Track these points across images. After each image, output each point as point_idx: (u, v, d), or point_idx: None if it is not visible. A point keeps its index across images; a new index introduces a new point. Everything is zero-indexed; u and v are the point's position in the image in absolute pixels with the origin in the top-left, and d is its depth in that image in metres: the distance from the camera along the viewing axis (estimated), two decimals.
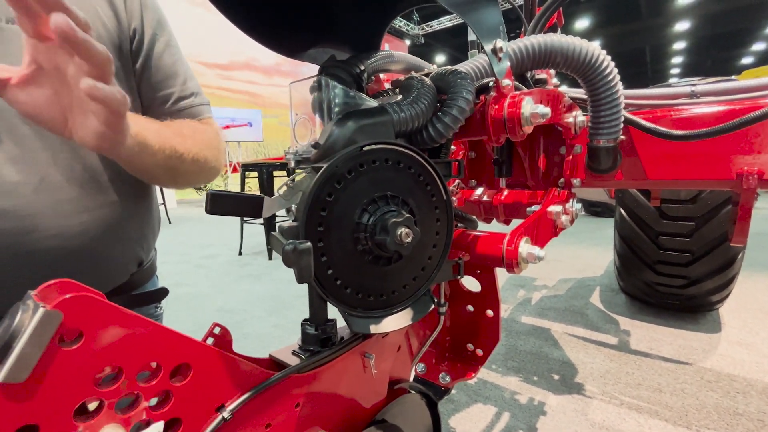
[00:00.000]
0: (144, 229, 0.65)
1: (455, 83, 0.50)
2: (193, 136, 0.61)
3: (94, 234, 0.57)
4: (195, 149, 0.60)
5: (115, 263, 0.62)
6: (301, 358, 0.41)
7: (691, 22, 16.40)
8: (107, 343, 0.24)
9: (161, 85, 0.62)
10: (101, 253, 0.59)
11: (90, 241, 0.57)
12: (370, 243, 0.42)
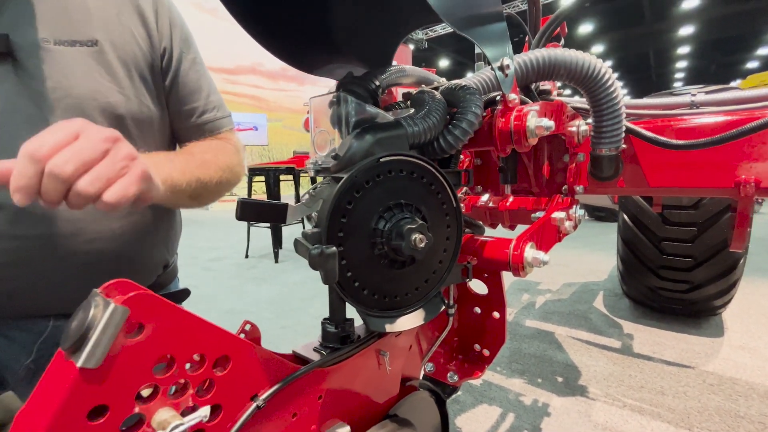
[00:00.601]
0: (169, 233, 0.70)
1: (465, 98, 0.53)
2: (215, 161, 0.65)
3: (129, 238, 0.61)
4: (218, 174, 0.65)
5: (146, 264, 0.66)
6: (322, 354, 0.44)
7: (695, 27, 16.37)
8: (162, 336, 0.28)
9: (187, 99, 0.67)
10: (134, 255, 0.63)
11: (125, 245, 0.61)
12: (387, 248, 0.45)
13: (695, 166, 0.79)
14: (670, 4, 14.29)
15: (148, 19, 0.62)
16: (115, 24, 0.59)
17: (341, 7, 0.59)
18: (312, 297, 2.10)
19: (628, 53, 20.15)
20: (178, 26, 0.66)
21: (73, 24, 0.55)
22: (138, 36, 0.61)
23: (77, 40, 0.55)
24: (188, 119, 0.68)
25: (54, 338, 0.60)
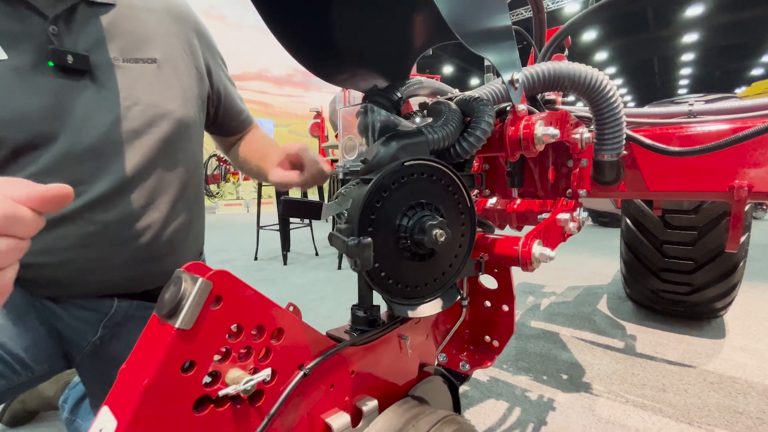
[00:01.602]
0: (202, 225, 0.79)
1: (478, 109, 0.59)
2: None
3: (175, 227, 0.69)
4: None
5: (187, 251, 0.74)
6: (353, 336, 0.50)
7: (699, 34, 16.38)
8: (234, 307, 0.34)
9: (232, 110, 0.85)
10: (179, 243, 0.71)
11: (172, 233, 0.69)
12: (410, 241, 0.51)
13: (691, 171, 0.84)
14: (674, 11, 14.34)
15: (193, 44, 0.75)
16: (168, 45, 0.70)
17: (365, 27, 0.65)
18: (321, 298, 2.15)
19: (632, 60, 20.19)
20: (214, 48, 0.81)
21: (137, 45, 0.65)
22: (186, 56, 0.71)
23: (140, 58, 0.65)
24: (236, 118, 0.87)
25: (117, 317, 0.67)
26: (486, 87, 0.75)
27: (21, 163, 0.56)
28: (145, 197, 0.65)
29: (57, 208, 0.31)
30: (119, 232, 0.62)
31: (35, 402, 1.03)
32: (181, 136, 0.69)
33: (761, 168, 0.78)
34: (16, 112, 0.54)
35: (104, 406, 0.30)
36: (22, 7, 0.55)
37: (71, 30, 0.58)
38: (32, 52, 0.55)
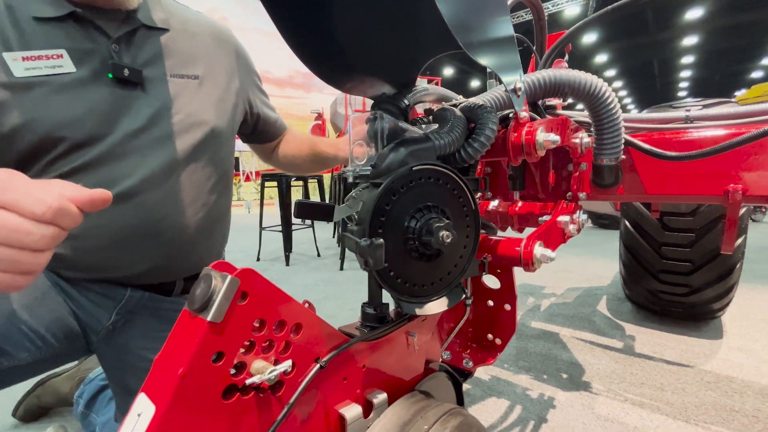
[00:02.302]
0: (227, 230, 0.86)
1: (483, 116, 0.62)
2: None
3: (202, 226, 0.73)
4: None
5: (210, 251, 0.78)
6: (363, 332, 0.52)
7: (699, 37, 16.43)
8: (258, 302, 0.36)
9: (269, 121, 0.95)
10: (202, 243, 0.75)
11: (197, 234, 0.72)
12: (417, 242, 0.53)
13: (688, 175, 0.87)
14: (674, 14, 14.39)
15: (235, 68, 0.84)
16: (210, 65, 0.79)
17: (373, 36, 0.67)
18: (324, 299, 2.18)
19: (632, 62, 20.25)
20: (252, 68, 0.91)
21: (184, 63, 0.74)
22: (225, 75, 0.81)
23: (185, 74, 0.74)
24: (274, 125, 0.97)
25: (129, 305, 0.73)
26: (489, 93, 0.78)
27: (71, 158, 0.63)
28: (173, 195, 0.70)
29: (98, 209, 0.37)
30: (144, 227, 0.68)
31: (50, 397, 1.06)
32: (211, 143, 0.77)
33: (754, 172, 0.81)
34: (78, 115, 0.62)
35: (141, 393, 0.33)
36: (91, 29, 0.64)
37: (130, 49, 0.67)
38: (96, 66, 0.64)
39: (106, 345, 0.72)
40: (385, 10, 0.64)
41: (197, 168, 0.74)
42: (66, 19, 0.62)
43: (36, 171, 0.62)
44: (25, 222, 0.33)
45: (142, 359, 0.74)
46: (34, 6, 0.61)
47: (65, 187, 0.36)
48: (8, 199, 0.33)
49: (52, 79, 0.61)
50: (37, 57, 0.60)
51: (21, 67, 0.59)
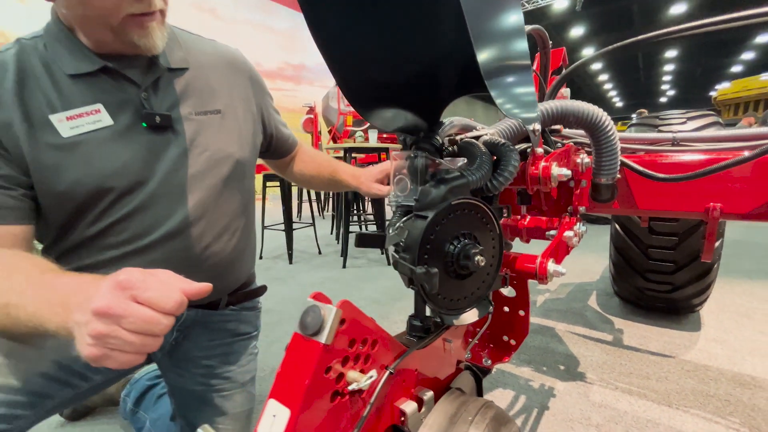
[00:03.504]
0: (254, 247, 0.94)
1: (506, 153, 0.72)
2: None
3: (238, 252, 0.80)
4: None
5: (245, 269, 0.86)
6: (411, 340, 0.63)
7: None
8: (352, 326, 0.46)
9: (282, 138, 0.97)
10: (238, 262, 0.82)
11: (235, 256, 0.80)
12: (455, 265, 0.64)
13: (674, 193, 0.99)
14: (658, 10, 14.64)
15: (251, 94, 0.86)
16: (229, 97, 0.80)
17: (406, 76, 0.76)
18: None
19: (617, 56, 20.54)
20: (265, 89, 0.93)
21: (205, 100, 0.76)
22: (243, 103, 0.84)
23: (208, 111, 0.76)
24: (286, 142, 1.01)
25: (187, 322, 0.81)
26: (502, 124, 0.88)
27: (120, 205, 0.66)
28: (210, 227, 0.75)
29: (201, 297, 0.45)
30: (191, 257, 0.73)
31: (96, 397, 1.14)
32: (238, 174, 0.80)
33: (730, 193, 0.93)
34: (121, 165, 0.65)
35: (270, 398, 0.43)
36: (121, 80, 0.66)
37: (157, 94, 0.70)
38: (130, 116, 0.66)
39: (168, 357, 0.81)
40: (419, 49, 0.73)
41: (228, 198, 0.79)
42: (98, 73, 0.64)
43: (91, 219, 0.65)
44: (157, 315, 0.41)
45: (198, 366, 0.83)
46: (68, 63, 0.62)
47: (181, 282, 0.44)
48: (147, 297, 0.41)
49: (94, 134, 0.63)
50: (79, 115, 0.62)
51: (66, 127, 0.61)
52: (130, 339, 0.39)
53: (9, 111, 0.57)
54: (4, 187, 0.57)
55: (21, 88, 0.59)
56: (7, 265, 0.49)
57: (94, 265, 0.65)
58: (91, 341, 0.39)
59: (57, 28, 0.62)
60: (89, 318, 0.39)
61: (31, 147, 0.58)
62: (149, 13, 0.60)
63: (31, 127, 0.58)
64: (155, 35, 0.62)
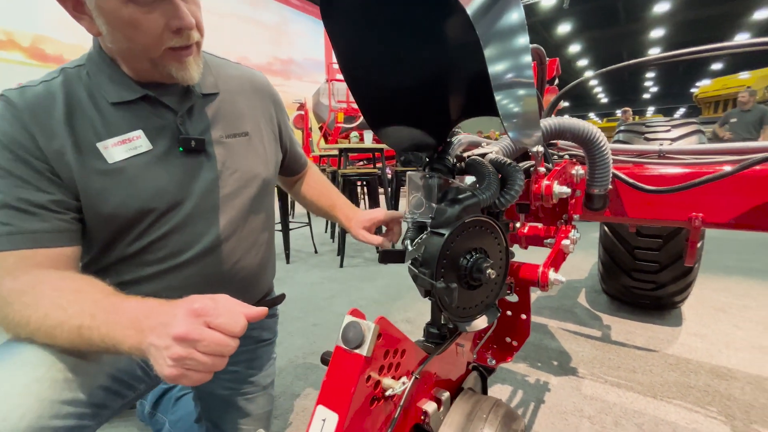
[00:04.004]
0: (275, 259, 0.97)
1: (512, 173, 0.78)
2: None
3: (261, 262, 0.85)
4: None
5: (267, 280, 0.91)
6: (430, 347, 0.69)
7: (665, 30, 17.06)
8: (387, 339, 0.52)
9: (295, 156, 1.01)
10: (264, 275, 0.87)
11: (260, 269, 0.85)
12: (468, 277, 0.70)
13: (660, 204, 1.07)
14: (643, 8, 14.90)
15: (272, 114, 0.91)
16: (255, 119, 0.85)
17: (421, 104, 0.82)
18: (331, 297, 2.33)
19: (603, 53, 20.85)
20: (283, 108, 0.96)
21: (234, 123, 0.80)
22: (266, 124, 0.88)
23: (236, 133, 0.80)
24: (298, 161, 1.05)
25: None
26: (505, 140, 0.95)
27: (159, 224, 0.70)
28: (240, 243, 0.80)
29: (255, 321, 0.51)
30: (222, 272, 0.78)
31: None
32: (264, 192, 0.85)
33: (711, 204, 1.02)
34: (161, 188, 0.69)
35: (318, 405, 0.49)
36: (159, 106, 0.70)
37: (192, 119, 0.73)
38: (167, 140, 0.70)
39: None
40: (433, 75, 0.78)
41: (255, 215, 0.83)
42: (138, 101, 0.67)
43: (132, 238, 0.69)
44: (227, 338, 0.46)
45: (225, 372, 0.88)
46: (110, 92, 0.65)
47: (242, 307, 0.50)
48: (219, 323, 0.46)
49: (136, 159, 0.67)
50: (122, 141, 0.65)
51: (111, 153, 0.64)
52: (204, 360, 0.44)
53: (61, 140, 0.61)
54: (58, 212, 0.60)
55: (70, 117, 0.62)
56: (72, 288, 0.54)
57: (133, 281, 0.70)
58: (171, 363, 0.44)
59: (99, 58, 0.66)
60: (169, 342, 0.44)
61: (80, 173, 0.62)
62: (187, 47, 0.64)
63: (80, 155, 0.62)
64: (192, 68, 0.66)
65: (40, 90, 0.63)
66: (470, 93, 0.81)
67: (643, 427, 1.17)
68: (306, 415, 1.25)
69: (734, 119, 6.04)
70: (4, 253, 0.56)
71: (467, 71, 0.73)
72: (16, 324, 0.52)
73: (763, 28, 15.92)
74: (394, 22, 0.63)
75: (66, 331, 0.50)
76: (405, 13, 0.61)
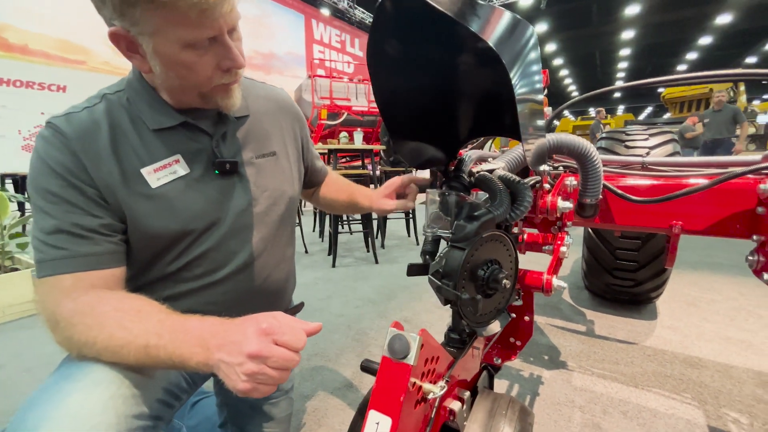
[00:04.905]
0: (295, 267, 1.01)
1: (521, 191, 0.86)
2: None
3: (287, 276, 0.90)
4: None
5: (290, 290, 0.95)
6: (454, 352, 0.76)
7: (635, 31, 17.72)
8: (427, 349, 0.58)
9: (316, 169, 1.05)
10: (288, 287, 0.92)
11: (286, 281, 0.89)
12: (485, 286, 0.77)
13: (645, 212, 1.18)
14: (615, 10, 15.42)
15: (296, 132, 0.94)
16: (281, 138, 0.89)
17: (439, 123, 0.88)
18: (328, 297, 2.37)
19: (577, 53, 21.48)
20: (305, 124, 1.00)
21: (263, 144, 0.83)
22: (291, 142, 0.92)
23: (265, 153, 0.83)
24: (319, 174, 1.08)
25: None
26: (508, 155, 1.03)
27: (198, 243, 0.73)
28: (270, 259, 0.84)
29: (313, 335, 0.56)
30: (254, 287, 0.82)
31: None
32: (290, 208, 0.89)
33: (690, 214, 1.13)
34: (200, 209, 0.71)
35: (371, 410, 0.54)
36: (196, 131, 0.72)
37: (225, 142, 0.76)
38: (204, 164, 0.73)
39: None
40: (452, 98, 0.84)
41: (282, 231, 0.87)
42: (176, 127, 0.70)
43: (172, 257, 0.72)
44: (292, 354, 0.52)
45: None
46: (150, 119, 0.68)
47: (302, 324, 0.55)
48: (285, 340, 0.51)
49: (176, 182, 0.69)
50: (163, 166, 0.68)
51: (154, 178, 0.67)
52: (273, 374, 0.49)
53: (108, 166, 0.63)
54: (108, 235, 0.63)
55: (114, 143, 0.65)
56: (133, 308, 0.57)
57: (171, 297, 0.73)
58: (245, 378, 0.49)
59: (140, 85, 0.68)
60: (243, 359, 0.49)
61: (126, 198, 0.64)
62: (234, 81, 0.67)
63: (126, 180, 0.65)
64: (235, 96, 0.70)
65: (85, 117, 0.65)
66: (481, 116, 0.88)
67: (628, 414, 1.28)
68: (317, 415, 1.30)
69: (707, 119, 6.54)
70: (62, 276, 0.58)
71: (482, 97, 0.80)
72: (83, 344, 0.55)
73: (723, 32, 16.83)
74: (427, 59, 0.69)
75: (133, 350, 0.54)
76: (437, 52, 0.67)
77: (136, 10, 0.54)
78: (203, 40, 0.59)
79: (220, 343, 0.51)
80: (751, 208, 1.02)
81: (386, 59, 0.68)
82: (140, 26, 0.56)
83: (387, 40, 0.64)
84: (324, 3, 12.83)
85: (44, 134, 0.62)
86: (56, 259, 0.59)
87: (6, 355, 1.76)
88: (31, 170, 0.62)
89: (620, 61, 22.48)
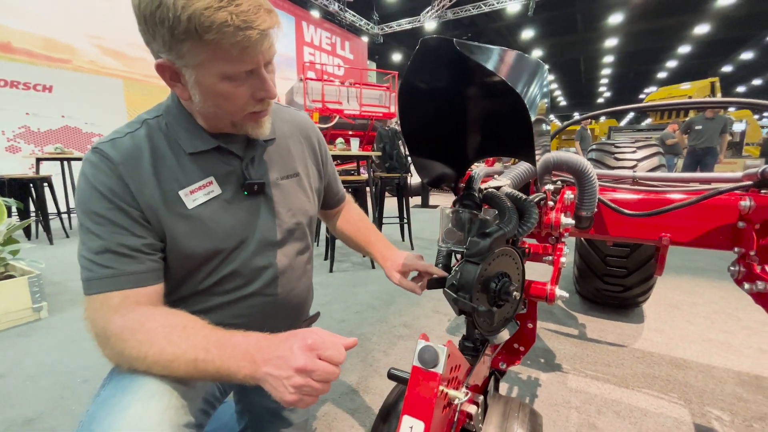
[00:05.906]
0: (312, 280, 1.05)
1: (528, 208, 0.92)
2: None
3: (307, 288, 0.94)
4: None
5: (309, 303, 0.99)
6: (469, 359, 0.82)
7: (618, 39, 18.20)
8: (453, 358, 0.64)
9: (333, 190, 1.08)
10: (308, 299, 0.96)
11: (307, 293, 0.94)
12: (497, 298, 0.84)
13: (636, 225, 1.27)
14: (599, 18, 15.83)
15: (317, 153, 0.98)
16: (303, 160, 0.93)
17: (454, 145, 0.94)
18: (327, 303, 2.41)
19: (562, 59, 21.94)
20: (325, 144, 1.03)
21: (286, 164, 0.88)
22: (312, 163, 0.96)
23: (289, 175, 0.88)
24: (335, 197, 1.10)
25: None
26: (512, 172, 1.09)
27: (227, 261, 0.77)
28: (293, 274, 0.88)
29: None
30: (278, 302, 0.86)
31: None
32: (311, 227, 0.94)
33: (677, 227, 1.22)
34: (230, 228, 0.75)
35: (404, 415, 0.60)
36: (228, 155, 0.76)
37: (254, 164, 0.80)
38: (234, 185, 0.76)
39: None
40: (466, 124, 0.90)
41: (303, 247, 0.91)
42: (210, 150, 0.73)
43: (205, 274, 0.75)
44: (334, 367, 0.55)
45: None
46: (186, 143, 0.72)
47: (340, 339, 0.59)
48: (328, 355, 0.56)
49: (210, 203, 0.73)
50: (199, 188, 0.72)
51: (190, 199, 0.71)
52: (317, 387, 0.54)
53: (150, 189, 0.67)
54: (150, 254, 0.67)
55: (155, 167, 0.68)
56: (180, 324, 0.61)
57: (203, 310, 0.77)
58: (293, 390, 0.53)
59: (177, 111, 0.72)
60: (291, 373, 0.53)
61: (166, 219, 0.68)
62: (265, 110, 0.72)
63: (166, 201, 0.69)
64: (265, 126, 0.74)
65: (128, 142, 0.68)
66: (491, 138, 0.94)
67: (620, 414, 1.37)
68: (327, 420, 1.34)
69: (699, 126, 6.41)
70: (110, 294, 0.62)
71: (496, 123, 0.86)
72: (134, 358, 0.59)
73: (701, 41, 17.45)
74: (451, 91, 0.75)
75: (183, 364, 0.58)
76: (462, 86, 0.74)
77: (183, 45, 0.59)
78: (241, 74, 0.64)
79: (267, 358, 0.56)
80: (733, 222, 1.11)
81: (417, 91, 0.75)
82: (185, 60, 0.61)
83: (419, 75, 0.71)
84: (314, 5, 12.84)
85: (91, 159, 0.66)
86: (104, 278, 0.62)
87: (6, 364, 1.75)
88: (78, 193, 0.65)
89: (604, 68, 23.06)
